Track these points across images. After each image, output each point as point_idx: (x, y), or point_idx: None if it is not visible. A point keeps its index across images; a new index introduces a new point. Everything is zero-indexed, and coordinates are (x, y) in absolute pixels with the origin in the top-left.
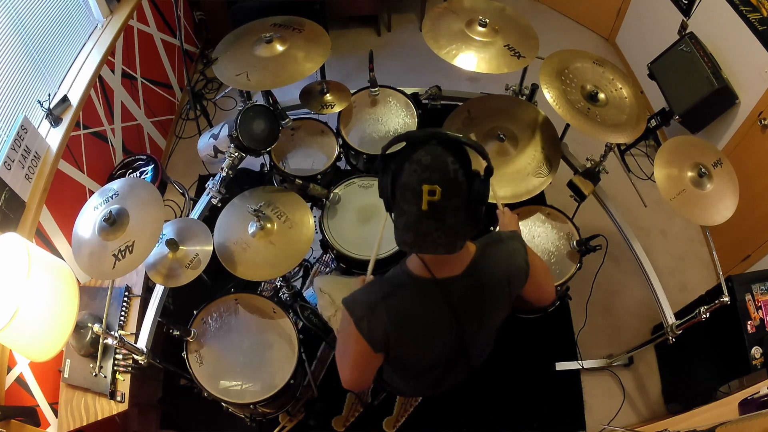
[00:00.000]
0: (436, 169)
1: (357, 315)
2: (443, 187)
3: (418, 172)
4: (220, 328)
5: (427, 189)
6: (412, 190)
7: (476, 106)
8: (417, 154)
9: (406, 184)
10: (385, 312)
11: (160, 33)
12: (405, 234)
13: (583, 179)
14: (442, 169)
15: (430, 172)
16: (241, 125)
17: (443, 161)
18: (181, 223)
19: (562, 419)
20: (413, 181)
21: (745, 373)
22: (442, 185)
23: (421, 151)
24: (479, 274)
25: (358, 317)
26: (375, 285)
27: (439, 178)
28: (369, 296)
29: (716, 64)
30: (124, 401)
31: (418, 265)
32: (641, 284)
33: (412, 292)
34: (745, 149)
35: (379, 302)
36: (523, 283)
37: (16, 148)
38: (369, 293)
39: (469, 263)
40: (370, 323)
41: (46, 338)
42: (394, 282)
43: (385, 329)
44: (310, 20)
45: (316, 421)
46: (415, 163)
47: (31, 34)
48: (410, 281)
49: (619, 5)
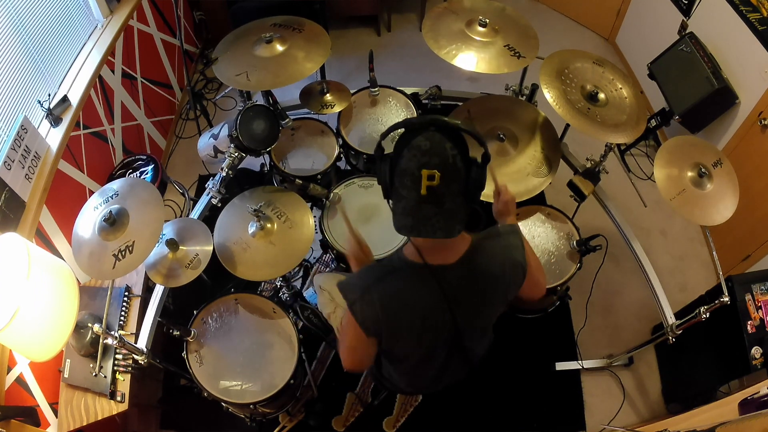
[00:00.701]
0: (435, 154)
1: (350, 298)
2: (442, 172)
3: (417, 157)
4: (220, 328)
5: (426, 174)
6: (411, 175)
7: (476, 106)
8: (416, 140)
9: (405, 169)
10: (377, 296)
11: (160, 33)
12: (404, 218)
13: (583, 179)
14: (441, 154)
15: (429, 156)
16: (241, 125)
17: (442, 147)
18: (181, 223)
19: (562, 419)
20: (412, 166)
21: (745, 373)
22: (441, 170)
23: (420, 137)
24: (474, 265)
25: (352, 300)
26: (369, 269)
27: (438, 162)
28: (362, 280)
29: (716, 64)
30: (124, 401)
31: (413, 252)
32: (641, 284)
33: (405, 277)
34: (745, 149)
35: (371, 286)
36: (521, 279)
37: (16, 148)
38: (363, 277)
39: (463, 254)
40: (362, 306)
41: (46, 338)
42: (388, 267)
43: (376, 313)
44: (310, 20)
45: (316, 421)
46: (414, 148)
47: (31, 34)
48: (404, 266)
49: (619, 5)
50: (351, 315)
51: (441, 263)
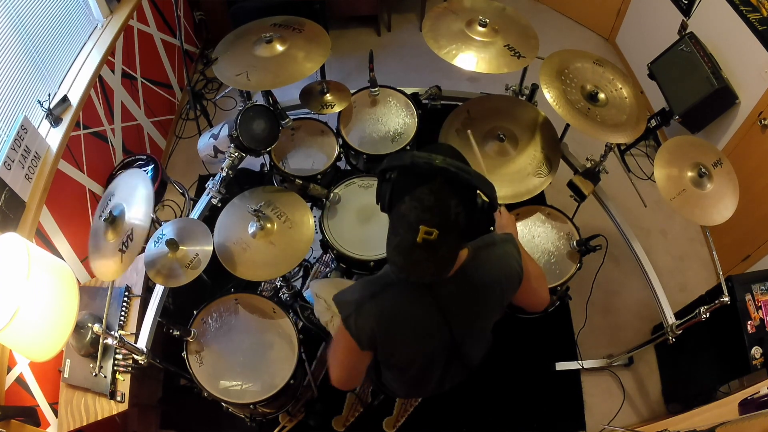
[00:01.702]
0: (438, 213)
1: (345, 313)
2: (441, 230)
3: (418, 210)
4: (220, 328)
5: (424, 230)
6: (408, 225)
7: (476, 106)
8: (420, 191)
9: (404, 216)
10: (372, 310)
11: (160, 33)
12: (395, 256)
13: (583, 179)
14: (443, 213)
15: (431, 214)
16: (241, 125)
17: (446, 205)
18: (181, 223)
19: (562, 419)
20: (411, 217)
21: (745, 373)
22: (440, 228)
23: (425, 188)
24: (470, 277)
25: (346, 315)
26: (365, 283)
27: (439, 222)
28: (357, 294)
29: (716, 64)
30: (124, 401)
31: None
32: (641, 284)
33: (401, 291)
34: (745, 149)
35: (366, 300)
36: (516, 287)
37: (16, 148)
38: (358, 291)
39: (459, 266)
40: (357, 321)
41: (46, 338)
42: (384, 281)
43: (372, 327)
44: (310, 20)
45: (316, 421)
46: (416, 200)
47: (31, 34)
48: (397, 279)
49: (619, 5)
50: (345, 329)
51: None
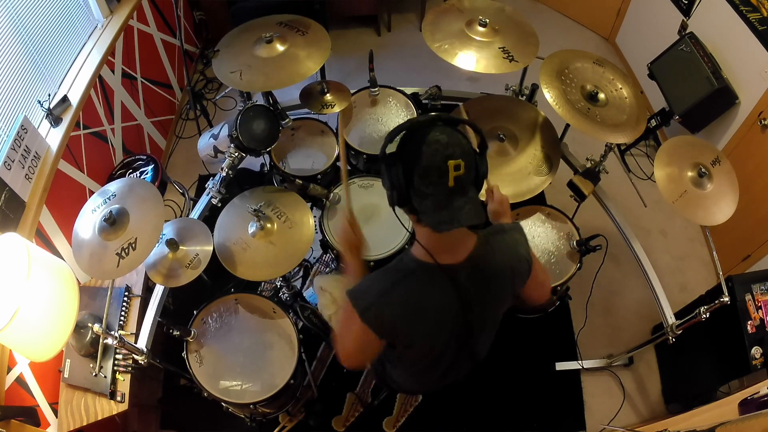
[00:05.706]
0: (455, 144)
1: (363, 304)
2: (465, 161)
3: (440, 150)
4: (220, 328)
5: (453, 164)
6: (437, 170)
7: (476, 106)
8: (432, 135)
9: (429, 165)
10: (393, 300)
11: (160, 33)
12: (438, 214)
13: (583, 179)
14: (459, 144)
15: (452, 148)
16: (241, 125)
17: (457, 137)
18: (181, 223)
19: (562, 419)
20: (438, 160)
21: (745, 373)
22: (464, 159)
23: (434, 132)
24: (482, 262)
25: (365, 306)
26: (381, 274)
27: (461, 152)
28: (376, 285)
29: (716, 64)
30: (124, 401)
31: (422, 252)
32: (641, 284)
33: (419, 279)
34: (745, 149)
35: (387, 291)
36: (526, 275)
37: (16, 148)
38: (375, 282)
39: (471, 252)
40: (377, 312)
41: (46, 338)
42: (401, 270)
43: (393, 318)
44: (315, 21)
45: (316, 421)
46: (433, 143)
47: (31, 34)
48: (416, 267)
49: (619, 5)
50: (361, 321)
51: (451, 262)
